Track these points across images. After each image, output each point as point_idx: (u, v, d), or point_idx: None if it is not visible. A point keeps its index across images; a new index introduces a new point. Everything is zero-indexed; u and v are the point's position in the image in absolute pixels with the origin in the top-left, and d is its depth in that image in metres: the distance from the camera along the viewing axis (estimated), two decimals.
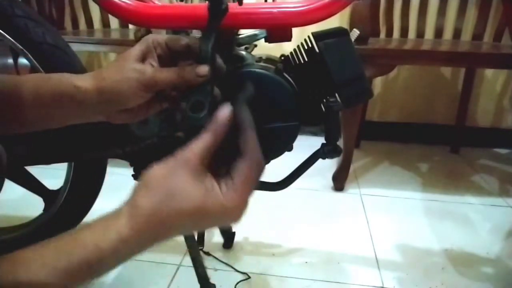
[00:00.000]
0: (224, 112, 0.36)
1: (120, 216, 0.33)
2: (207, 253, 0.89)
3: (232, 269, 0.85)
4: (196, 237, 0.76)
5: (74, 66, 0.72)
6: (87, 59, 1.86)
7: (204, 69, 0.41)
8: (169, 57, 0.44)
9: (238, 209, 0.35)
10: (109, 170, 0.80)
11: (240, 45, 0.64)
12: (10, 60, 0.93)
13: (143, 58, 0.43)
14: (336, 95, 0.57)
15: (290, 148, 0.61)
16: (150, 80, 0.41)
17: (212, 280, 0.76)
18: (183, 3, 0.75)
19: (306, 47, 0.58)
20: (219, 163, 0.37)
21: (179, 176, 0.34)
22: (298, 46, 0.59)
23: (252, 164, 0.35)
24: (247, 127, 0.36)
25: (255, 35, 0.63)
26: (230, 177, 0.35)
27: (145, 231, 0.33)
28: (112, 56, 1.83)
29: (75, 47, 1.38)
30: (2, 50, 0.88)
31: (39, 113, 0.43)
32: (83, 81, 0.42)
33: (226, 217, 0.35)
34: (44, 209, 0.82)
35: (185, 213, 0.33)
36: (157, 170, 0.34)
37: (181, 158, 0.35)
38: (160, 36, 0.44)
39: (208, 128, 0.36)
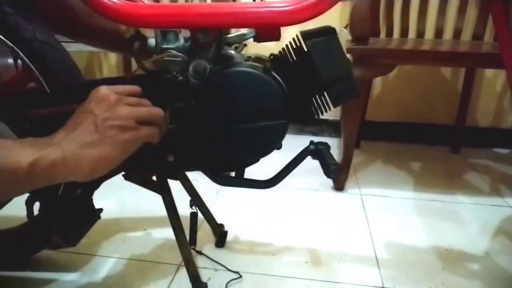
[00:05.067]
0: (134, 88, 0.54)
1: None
2: (199, 252, 0.88)
3: (225, 269, 0.84)
4: (188, 237, 0.75)
5: (66, 63, 0.71)
6: (87, 59, 1.86)
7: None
8: None
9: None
10: None
11: (229, 44, 0.64)
12: (10, 60, 0.93)
13: None
14: (325, 93, 0.58)
15: (279, 147, 0.61)
16: None
17: (206, 280, 0.76)
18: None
19: (294, 46, 0.58)
20: None
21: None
22: (286, 45, 0.59)
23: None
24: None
25: (244, 34, 0.64)
26: None
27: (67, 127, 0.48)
28: (112, 56, 1.83)
29: (75, 47, 1.37)
30: (2, 50, 0.88)
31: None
32: None
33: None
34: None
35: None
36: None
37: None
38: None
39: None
